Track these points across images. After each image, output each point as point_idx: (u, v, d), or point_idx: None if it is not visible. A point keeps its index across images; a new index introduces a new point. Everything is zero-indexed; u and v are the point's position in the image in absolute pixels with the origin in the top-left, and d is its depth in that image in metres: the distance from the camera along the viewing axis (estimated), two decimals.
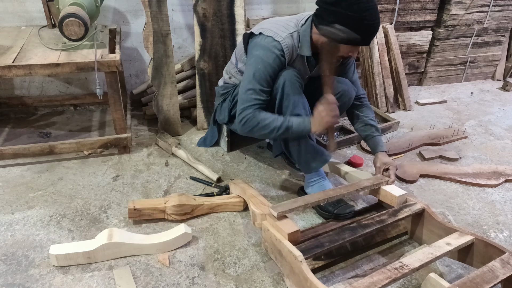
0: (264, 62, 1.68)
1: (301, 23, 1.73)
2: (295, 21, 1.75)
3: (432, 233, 1.59)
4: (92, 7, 2.07)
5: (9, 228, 1.69)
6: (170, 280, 1.47)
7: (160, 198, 1.79)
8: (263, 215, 1.55)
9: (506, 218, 1.82)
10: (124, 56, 2.64)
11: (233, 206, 1.79)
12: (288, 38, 1.69)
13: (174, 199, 1.73)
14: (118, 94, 2.03)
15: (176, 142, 2.28)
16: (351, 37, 1.56)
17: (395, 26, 2.89)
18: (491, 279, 1.26)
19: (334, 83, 1.93)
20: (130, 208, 1.68)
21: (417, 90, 3.18)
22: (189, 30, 2.66)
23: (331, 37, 1.58)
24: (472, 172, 2.10)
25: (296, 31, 1.71)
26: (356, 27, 1.54)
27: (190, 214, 1.75)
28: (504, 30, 3.23)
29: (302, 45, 1.72)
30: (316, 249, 1.43)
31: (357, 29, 1.54)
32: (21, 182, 1.98)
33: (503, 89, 3.25)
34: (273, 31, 1.69)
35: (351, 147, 2.36)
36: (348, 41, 1.57)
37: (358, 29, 1.54)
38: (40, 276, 1.47)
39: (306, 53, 1.72)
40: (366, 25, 1.54)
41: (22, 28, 2.37)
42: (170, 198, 1.74)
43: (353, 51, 1.65)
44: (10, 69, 1.84)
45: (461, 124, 2.68)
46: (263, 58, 1.68)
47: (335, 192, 1.62)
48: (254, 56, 1.70)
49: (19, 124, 2.53)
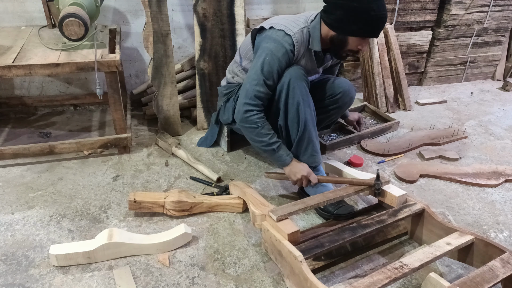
0: (273, 55, 1.69)
1: (311, 19, 1.75)
2: (305, 18, 1.77)
3: (432, 233, 1.59)
4: (92, 7, 2.07)
5: (9, 228, 1.69)
6: (170, 280, 1.47)
7: (161, 192, 1.80)
8: (263, 216, 1.56)
9: (506, 218, 1.82)
10: (124, 56, 2.64)
11: (232, 207, 1.79)
12: (298, 34, 1.71)
13: (174, 195, 1.74)
14: (118, 94, 2.03)
15: (176, 142, 2.28)
16: (359, 29, 1.58)
17: (395, 26, 2.89)
18: (491, 278, 1.26)
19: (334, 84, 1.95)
20: (131, 200, 1.70)
21: (417, 90, 3.18)
22: (189, 30, 2.66)
23: (339, 30, 1.61)
24: (472, 172, 2.10)
25: (306, 27, 1.73)
26: (363, 19, 1.56)
27: (189, 211, 1.75)
28: (504, 30, 3.23)
29: (312, 40, 1.74)
30: (316, 249, 1.43)
31: (365, 20, 1.56)
32: (21, 182, 1.98)
33: (503, 89, 3.25)
34: (284, 26, 1.71)
35: (351, 147, 2.36)
36: (357, 33, 1.59)
37: (366, 21, 1.56)
38: (40, 276, 1.47)
39: (316, 48, 1.74)
40: (373, 16, 1.55)
41: (22, 28, 2.37)
42: (170, 194, 1.75)
43: (362, 44, 1.66)
44: (10, 69, 1.84)
45: (461, 124, 2.68)
46: (273, 51, 1.69)
47: (334, 194, 1.63)
48: (264, 49, 1.71)
49: (19, 124, 2.53)
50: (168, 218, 1.77)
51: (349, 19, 1.59)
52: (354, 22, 1.59)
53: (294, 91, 1.70)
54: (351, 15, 1.57)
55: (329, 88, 1.98)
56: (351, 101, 1.97)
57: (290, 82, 1.70)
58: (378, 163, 2.21)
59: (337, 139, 2.34)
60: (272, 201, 1.90)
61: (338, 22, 1.63)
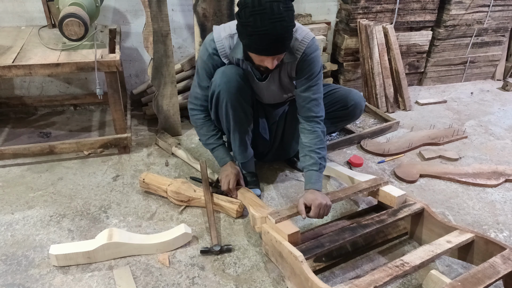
0: (200, 58, 1.72)
1: None
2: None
3: (432, 232, 1.59)
4: (92, 7, 2.07)
5: (9, 228, 1.69)
6: (170, 280, 1.47)
7: (168, 179, 1.90)
8: (263, 218, 1.55)
9: (506, 218, 1.82)
10: (124, 56, 2.64)
11: (226, 210, 1.80)
12: (226, 39, 1.63)
13: (176, 184, 1.85)
14: (118, 94, 2.03)
15: (176, 142, 2.28)
16: (246, 44, 1.47)
17: (395, 26, 2.89)
18: (492, 274, 1.26)
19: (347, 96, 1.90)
20: (140, 180, 1.89)
21: (417, 90, 3.18)
22: (189, 30, 2.66)
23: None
24: (472, 172, 2.10)
25: (236, 33, 1.57)
26: (245, 33, 1.43)
27: (186, 203, 1.83)
28: (504, 30, 3.23)
29: (236, 47, 1.62)
30: (316, 250, 1.43)
31: (246, 35, 1.43)
32: (21, 182, 1.98)
33: (503, 89, 3.25)
34: (218, 29, 1.66)
35: (351, 147, 2.36)
36: (247, 47, 1.48)
37: (248, 36, 1.42)
38: (40, 276, 1.47)
39: (238, 56, 1.61)
40: (251, 32, 1.39)
41: (22, 28, 2.37)
42: (174, 182, 1.86)
43: (262, 61, 1.50)
44: (10, 69, 1.84)
45: (461, 124, 2.68)
46: (200, 54, 1.72)
47: (333, 196, 1.63)
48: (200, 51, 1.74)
49: (19, 124, 2.53)
50: (168, 218, 1.77)
51: (239, 31, 1.47)
52: (241, 35, 1.47)
53: (222, 102, 1.69)
54: (239, 27, 1.45)
55: (341, 100, 1.90)
56: (361, 113, 1.97)
57: (220, 93, 1.66)
58: (378, 163, 2.21)
59: (337, 139, 2.34)
60: (272, 201, 1.90)
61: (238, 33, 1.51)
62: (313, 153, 1.65)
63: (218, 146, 1.84)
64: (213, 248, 1.57)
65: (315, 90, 1.68)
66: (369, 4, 2.78)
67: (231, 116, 1.71)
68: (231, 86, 1.65)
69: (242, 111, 1.72)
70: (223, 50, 1.65)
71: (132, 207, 1.83)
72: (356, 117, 1.97)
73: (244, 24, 1.41)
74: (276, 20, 1.36)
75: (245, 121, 1.77)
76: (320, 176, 1.64)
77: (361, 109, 1.93)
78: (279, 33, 1.39)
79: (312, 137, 1.68)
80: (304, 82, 1.67)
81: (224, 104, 1.68)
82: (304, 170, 1.67)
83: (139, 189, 1.95)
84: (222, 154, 1.85)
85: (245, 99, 1.71)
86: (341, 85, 2.09)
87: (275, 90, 1.79)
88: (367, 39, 2.72)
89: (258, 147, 1.99)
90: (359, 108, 1.91)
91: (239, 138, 1.80)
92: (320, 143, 1.67)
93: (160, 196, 1.89)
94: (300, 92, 1.69)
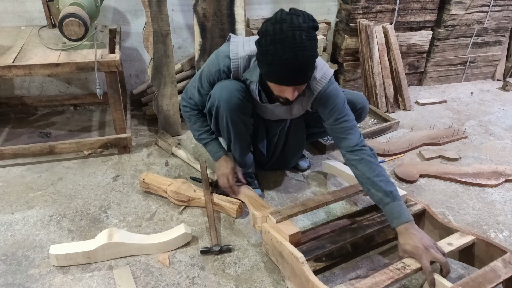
0: (208, 66, 1.64)
1: None
2: None
3: (433, 233, 1.59)
4: (92, 7, 2.07)
5: (9, 228, 1.69)
6: (170, 280, 1.47)
7: (168, 178, 1.90)
8: (263, 218, 1.55)
9: (506, 218, 1.82)
10: (124, 56, 2.64)
11: (226, 210, 1.79)
12: (243, 60, 1.56)
13: (176, 184, 1.85)
14: (118, 94, 2.03)
15: (176, 142, 2.28)
16: (265, 73, 1.40)
17: (395, 26, 2.89)
18: (493, 279, 1.26)
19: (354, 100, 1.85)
20: (140, 180, 1.89)
21: (417, 90, 3.18)
22: (189, 30, 2.66)
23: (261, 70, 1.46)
24: (472, 172, 2.10)
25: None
26: (264, 62, 1.36)
27: (186, 202, 1.82)
28: (504, 30, 3.23)
29: (252, 70, 1.54)
30: (317, 250, 1.43)
31: (266, 64, 1.36)
32: (21, 182, 1.98)
33: (503, 89, 3.25)
34: (236, 44, 1.57)
35: None
36: (266, 77, 1.42)
37: (267, 65, 1.35)
38: (40, 276, 1.47)
39: (253, 79, 1.54)
40: (271, 60, 1.33)
41: (22, 28, 2.37)
42: (174, 182, 1.86)
43: (282, 91, 1.42)
44: (10, 69, 1.84)
45: (461, 124, 2.68)
46: (209, 63, 1.64)
47: (334, 196, 1.62)
48: (209, 58, 1.67)
49: (19, 124, 2.52)
50: (168, 218, 1.77)
51: (259, 59, 1.40)
52: (261, 63, 1.39)
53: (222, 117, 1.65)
54: (259, 55, 1.39)
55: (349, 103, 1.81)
56: (366, 116, 1.97)
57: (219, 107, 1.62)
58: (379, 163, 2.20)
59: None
60: (272, 201, 1.90)
61: (257, 61, 1.43)
62: (374, 185, 1.46)
63: (211, 140, 1.81)
64: (213, 248, 1.57)
65: (344, 120, 1.57)
66: (369, 4, 2.78)
67: (231, 129, 1.69)
68: (232, 104, 1.59)
69: (242, 124, 1.69)
70: (236, 70, 1.58)
71: (132, 207, 1.83)
72: (361, 120, 1.96)
73: (264, 53, 1.34)
74: (298, 49, 1.29)
75: (245, 132, 1.75)
76: (400, 206, 1.41)
77: (366, 112, 1.93)
78: (301, 62, 1.31)
79: (365, 169, 1.49)
80: (329, 115, 1.59)
81: (225, 119, 1.65)
82: (381, 207, 1.47)
83: (139, 189, 1.94)
84: (216, 148, 1.81)
85: (246, 114, 1.67)
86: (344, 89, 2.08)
87: (282, 112, 1.72)
88: (367, 39, 2.72)
89: (255, 159, 1.98)
90: (365, 111, 1.91)
91: (239, 147, 1.79)
92: (375, 169, 1.48)
93: (160, 196, 1.89)
94: (329, 126, 1.61)
